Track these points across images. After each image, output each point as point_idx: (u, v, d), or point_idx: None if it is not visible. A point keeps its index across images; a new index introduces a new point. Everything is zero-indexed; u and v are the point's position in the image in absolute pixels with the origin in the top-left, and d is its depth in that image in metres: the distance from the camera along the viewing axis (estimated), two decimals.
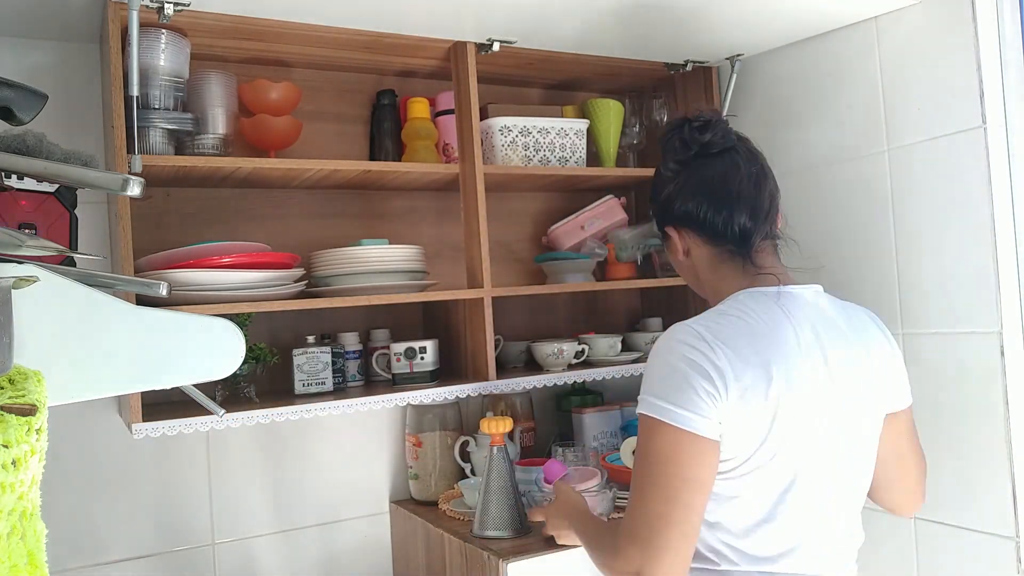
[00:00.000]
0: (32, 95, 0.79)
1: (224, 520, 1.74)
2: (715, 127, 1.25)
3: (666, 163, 1.28)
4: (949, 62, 1.52)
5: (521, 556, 1.44)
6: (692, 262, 1.27)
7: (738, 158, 1.24)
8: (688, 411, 1.05)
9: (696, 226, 1.24)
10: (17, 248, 0.69)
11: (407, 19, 1.58)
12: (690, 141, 1.25)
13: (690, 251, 1.26)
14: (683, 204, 1.24)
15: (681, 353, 1.09)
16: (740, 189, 1.21)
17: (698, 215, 1.23)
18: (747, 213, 1.21)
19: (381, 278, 1.64)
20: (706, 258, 1.25)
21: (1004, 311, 1.45)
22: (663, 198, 1.28)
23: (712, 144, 1.24)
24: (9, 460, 0.57)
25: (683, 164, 1.26)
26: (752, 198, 1.22)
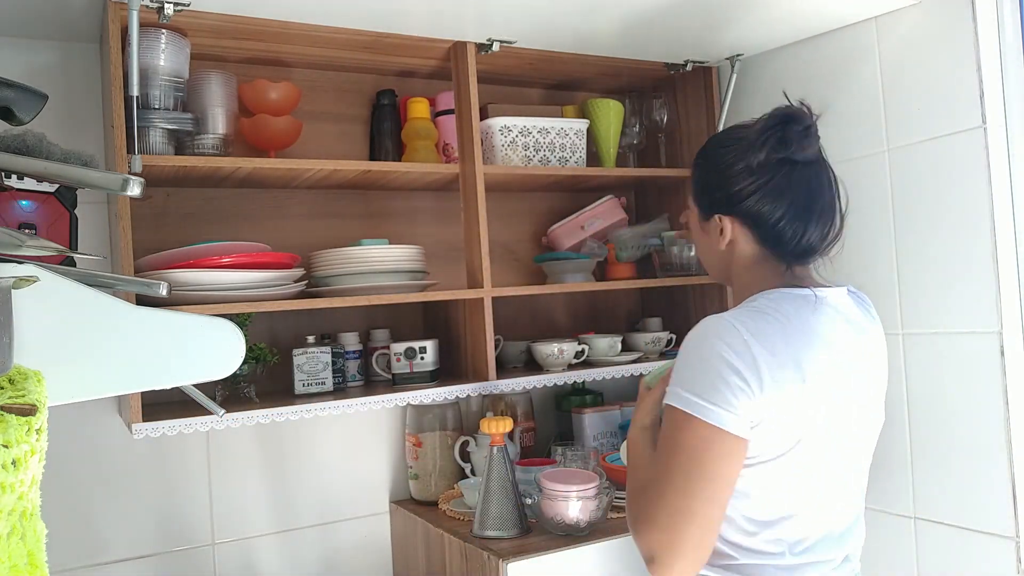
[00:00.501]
0: (32, 95, 0.79)
1: (224, 520, 1.74)
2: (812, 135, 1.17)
3: (755, 154, 1.17)
4: (949, 62, 1.52)
5: (521, 556, 1.44)
6: (729, 254, 1.22)
7: (825, 174, 1.19)
8: (720, 407, 1.04)
9: (761, 229, 1.18)
10: (17, 248, 0.69)
11: (407, 19, 1.58)
12: (790, 142, 1.16)
13: (734, 244, 1.21)
14: (759, 203, 1.17)
15: (716, 348, 1.07)
16: (822, 207, 1.18)
17: (770, 219, 1.17)
18: (819, 232, 1.17)
19: (381, 278, 1.64)
20: (748, 256, 1.21)
21: (1004, 311, 1.45)
22: (736, 188, 1.18)
23: (805, 154, 1.17)
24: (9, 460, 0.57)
25: (775, 163, 1.17)
26: (829, 218, 1.18)
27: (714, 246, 1.23)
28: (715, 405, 1.04)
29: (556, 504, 1.52)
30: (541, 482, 1.55)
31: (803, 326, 1.11)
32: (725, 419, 1.04)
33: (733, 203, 1.19)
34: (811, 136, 1.17)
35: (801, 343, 1.09)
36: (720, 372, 1.05)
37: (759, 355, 1.06)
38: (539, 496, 1.54)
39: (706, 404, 1.05)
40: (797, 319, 1.12)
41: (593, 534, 1.53)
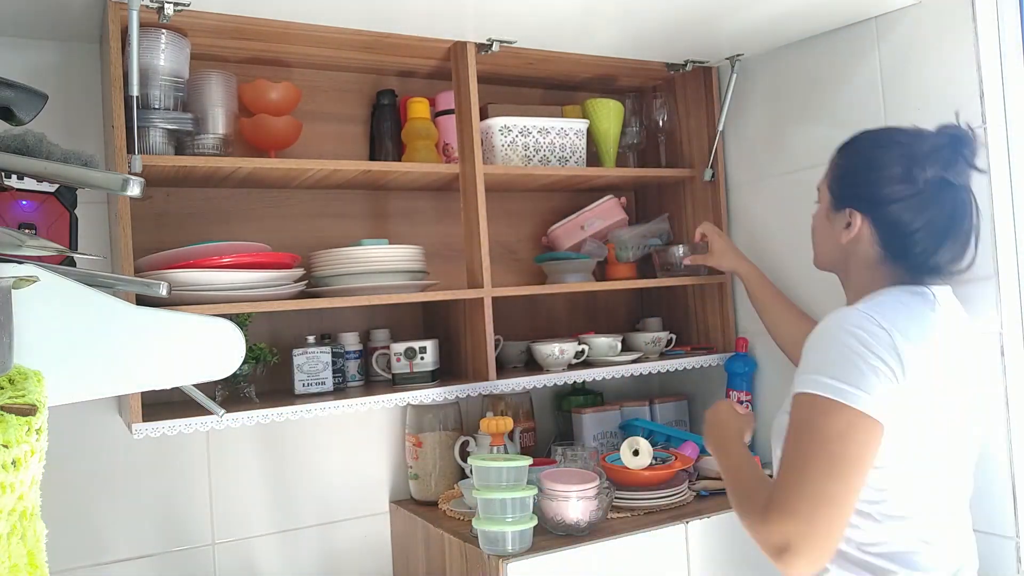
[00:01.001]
0: (32, 95, 0.79)
1: (224, 520, 1.74)
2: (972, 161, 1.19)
3: (919, 166, 1.18)
4: (949, 62, 1.52)
5: (521, 556, 1.44)
6: (847, 249, 1.25)
7: (972, 199, 1.21)
8: (864, 391, 1.06)
9: (895, 236, 1.20)
10: (17, 248, 0.69)
11: (407, 19, 1.58)
12: (958, 165, 1.18)
13: (858, 240, 1.23)
14: (902, 212, 1.18)
15: (857, 336, 1.09)
16: (961, 231, 1.20)
17: (910, 229, 1.18)
18: (951, 254, 1.20)
19: (381, 278, 1.64)
20: (871, 256, 1.23)
21: (1004, 311, 1.45)
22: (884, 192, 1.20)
23: (958, 177, 1.19)
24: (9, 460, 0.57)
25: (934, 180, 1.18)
26: (964, 243, 1.20)
27: (835, 236, 1.26)
28: (859, 389, 1.06)
29: (556, 504, 1.52)
30: (541, 482, 1.55)
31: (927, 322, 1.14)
32: (868, 403, 1.06)
33: (874, 204, 1.21)
34: (974, 158, 1.20)
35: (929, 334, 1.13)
36: (864, 358, 1.07)
37: (898, 340, 1.09)
38: (539, 496, 1.54)
39: (850, 388, 1.06)
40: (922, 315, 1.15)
41: (593, 534, 1.53)
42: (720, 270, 1.91)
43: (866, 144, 1.27)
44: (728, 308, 2.03)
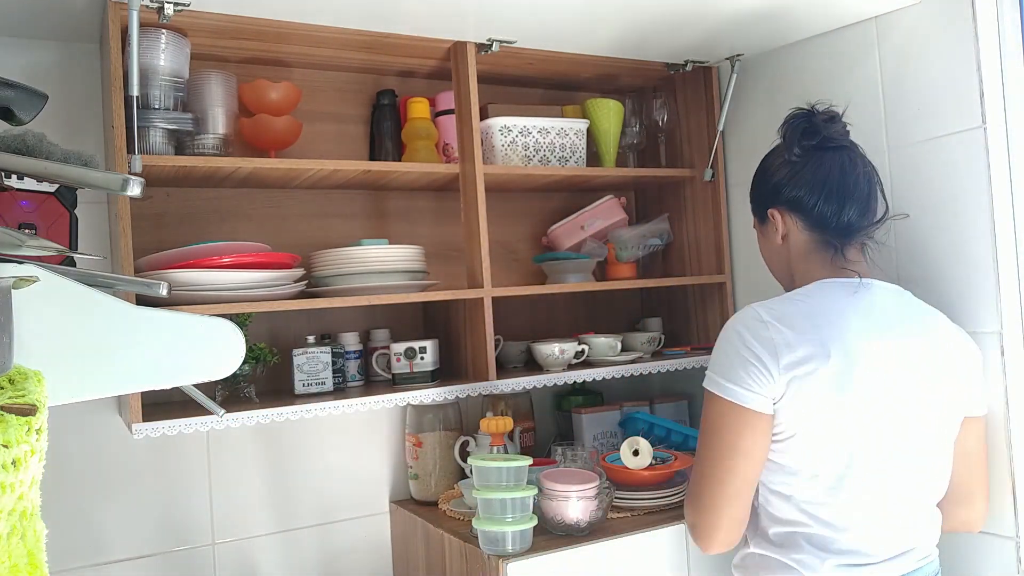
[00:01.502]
0: (32, 95, 0.79)
1: (224, 520, 1.74)
2: (839, 121, 1.33)
3: (790, 148, 1.33)
4: (949, 62, 1.52)
5: (521, 556, 1.44)
6: (787, 249, 1.34)
7: (855, 156, 1.32)
8: (737, 386, 1.17)
9: (803, 212, 1.30)
10: (17, 248, 0.69)
11: (407, 19, 1.58)
12: (816, 130, 1.30)
13: (788, 236, 1.33)
14: (797, 189, 1.30)
15: (738, 332, 1.20)
16: (855, 184, 1.29)
17: (809, 202, 1.29)
18: (856, 208, 1.29)
19: (381, 278, 1.64)
20: (802, 244, 1.32)
21: (1004, 311, 1.45)
22: (775, 181, 1.34)
23: (834, 138, 1.31)
24: (9, 460, 0.57)
25: (805, 151, 1.31)
26: (864, 196, 1.30)
27: (774, 246, 1.37)
28: (733, 384, 1.17)
29: (556, 504, 1.52)
30: (541, 482, 1.55)
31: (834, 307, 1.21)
32: (741, 395, 1.16)
33: (778, 196, 1.34)
34: (837, 121, 1.33)
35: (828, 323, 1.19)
36: (738, 353, 1.18)
37: (776, 335, 1.17)
38: (539, 496, 1.54)
39: (726, 383, 1.19)
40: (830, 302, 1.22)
41: (593, 534, 1.53)
42: None
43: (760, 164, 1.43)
44: (728, 308, 2.03)
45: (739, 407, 1.17)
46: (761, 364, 1.17)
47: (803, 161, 1.31)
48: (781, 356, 1.16)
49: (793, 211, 1.32)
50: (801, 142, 1.31)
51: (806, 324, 1.19)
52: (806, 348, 1.16)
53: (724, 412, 1.19)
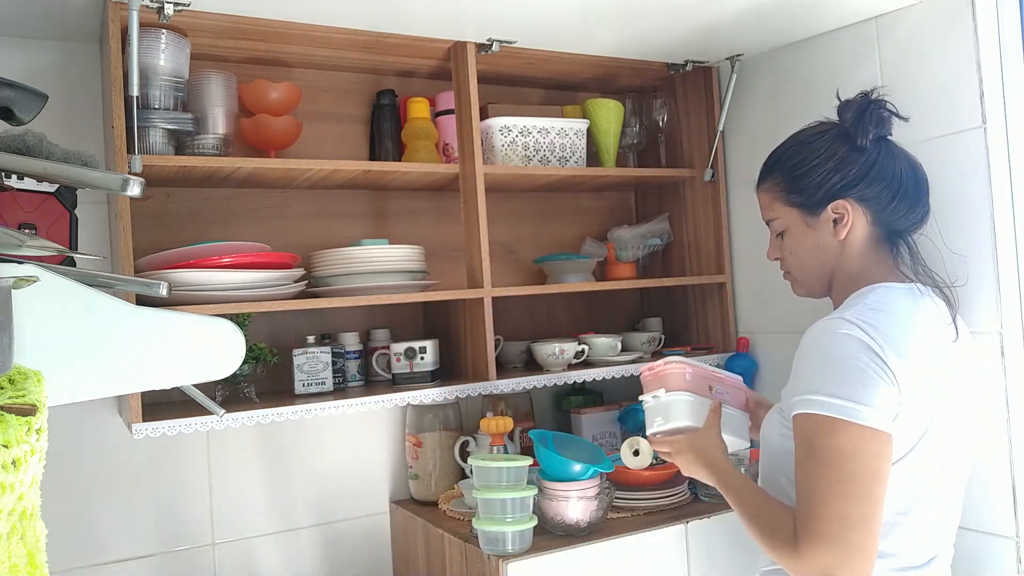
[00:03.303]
0: (32, 95, 0.79)
1: (224, 520, 1.74)
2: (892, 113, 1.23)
3: (864, 135, 1.20)
4: (949, 62, 1.52)
5: (521, 556, 1.44)
6: (843, 244, 1.22)
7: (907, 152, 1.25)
8: (868, 406, 1.04)
9: (877, 207, 1.20)
10: (17, 248, 0.69)
11: (407, 19, 1.58)
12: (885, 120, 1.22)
13: (855, 228, 1.21)
14: (875, 182, 1.19)
15: (847, 348, 1.07)
16: (923, 182, 1.23)
17: (885, 196, 1.20)
18: (923, 207, 1.23)
19: (381, 278, 1.64)
20: (863, 242, 1.22)
21: (1004, 311, 1.45)
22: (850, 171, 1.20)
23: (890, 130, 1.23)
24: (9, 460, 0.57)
25: (875, 142, 1.21)
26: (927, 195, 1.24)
27: (825, 243, 1.23)
28: (863, 404, 1.04)
29: (556, 504, 1.52)
30: (541, 482, 1.55)
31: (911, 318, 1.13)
32: (873, 417, 1.04)
33: (847, 187, 1.20)
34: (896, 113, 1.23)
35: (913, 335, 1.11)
36: (861, 371, 1.05)
37: (885, 347, 1.07)
38: (539, 496, 1.54)
39: (853, 405, 1.04)
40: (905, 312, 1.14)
41: (593, 534, 1.53)
42: None
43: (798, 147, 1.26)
44: (728, 308, 2.03)
45: (871, 431, 1.03)
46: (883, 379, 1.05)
47: (876, 150, 1.20)
48: (896, 372, 1.06)
49: (864, 204, 1.20)
50: (876, 129, 1.19)
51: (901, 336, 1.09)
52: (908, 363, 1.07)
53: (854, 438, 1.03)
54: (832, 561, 1.01)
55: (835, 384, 1.06)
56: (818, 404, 1.06)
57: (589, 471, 1.53)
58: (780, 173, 1.27)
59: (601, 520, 1.55)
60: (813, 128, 1.28)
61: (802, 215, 1.25)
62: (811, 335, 1.13)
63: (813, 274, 1.27)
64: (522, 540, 1.46)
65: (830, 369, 1.07)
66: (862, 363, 1.06)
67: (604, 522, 1.57)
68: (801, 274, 1.29)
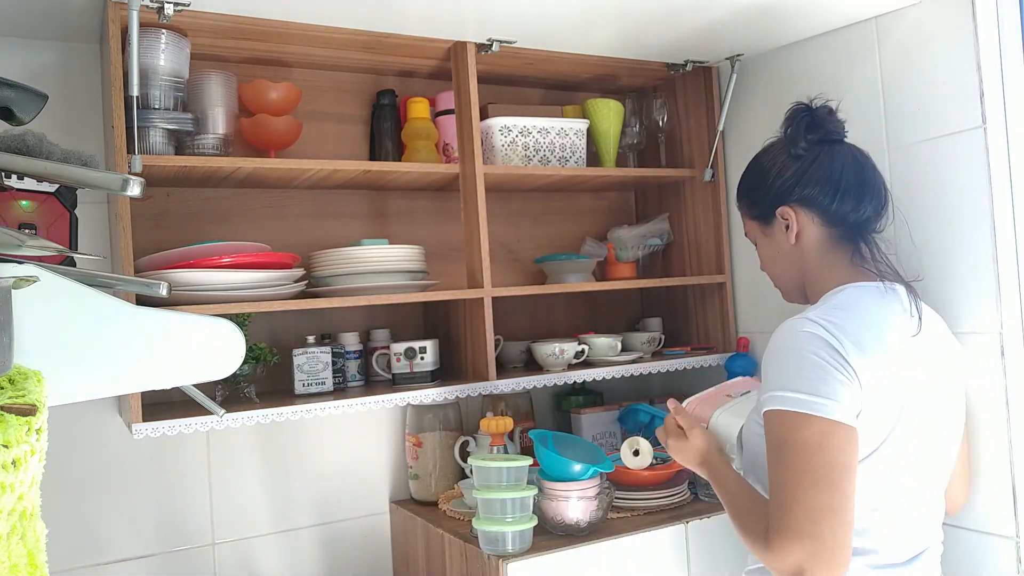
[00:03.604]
0: (32, 95, 0.79)
1: (224, 520, 1.74)
2: (836, 115, 1.28)
3: (795, 143, 1.27)
4: (949, 62, 1.52)
5: (521, 556, 1.44)
6: (799, 250, 1.27)
7: (856, 151, 1.28)
8: (832, 400, 1.07)
9: (820, 208, 1.24)
10: (17, 248, 0.69)
11: (407, 19, 1.58)
12: (820, 123, 1.26)
13: (802, 235, 1.26)
14: (811, 184, 1.24)
15: (809, 346, 1.10)
16: (871, 177, 1.26)
17: (826, 196, 1.24)
18: (872, 202, 1.25)
19: (381, 278, 1.64)
20: (817, 242, 1.26)
21: (1004, 311, 1.45)
22: (786, 178, 1.27)
23: (835, 131, 1.27)
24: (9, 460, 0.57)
25: (812, 145, 1.26)
26: (877, 189, 1.26)
27: (783, 248, 1.29)
28: (826, 398, 1.07)
29: (556, 504, 1.52)
30: (541, 482, 1.55)
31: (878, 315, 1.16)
32: (836, 410, 1.06)
33: (787, 192, 1.26)
34: (835, 116, 1.28)
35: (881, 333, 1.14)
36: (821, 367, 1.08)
37: (848, 350, 1.10)
38: (539, 496, 1.54)
39: (817, 399, 1.07)
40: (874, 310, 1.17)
41: (593, 534, 1.53)
42: None
43: (751, 165, 1.35)
44: (728, 308, 2.03)
45: (835, 423, 1.06)
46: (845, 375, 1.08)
47: (811, 155, 1.26)
48: (858, 371, 1.09)
49: (807, 207, 1.25)
50: (807, 136, 1.26)
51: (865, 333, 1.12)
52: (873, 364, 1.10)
53: (818, 431, 1.05)
54: (802, 555, 1.02)
55: (798, 380, 1.09)
56: (783, 400, 1.09)
57: (589, 471, 1.53)
58: (741, 192, 1.36)
59: (601, 520, 1.55)
60: (766, 146, 1.35)
61: (760, 227, 1.33)
62: (776, 334, 1.17)
63: (785, 281, 1.34)
64: (522, 540, 1.46)
65: (793, 366, 1.11)
66: (823, 360, 1.09)
67: (604, 522, 1.57)
68: (778, 281, 1.36)
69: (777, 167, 1.28)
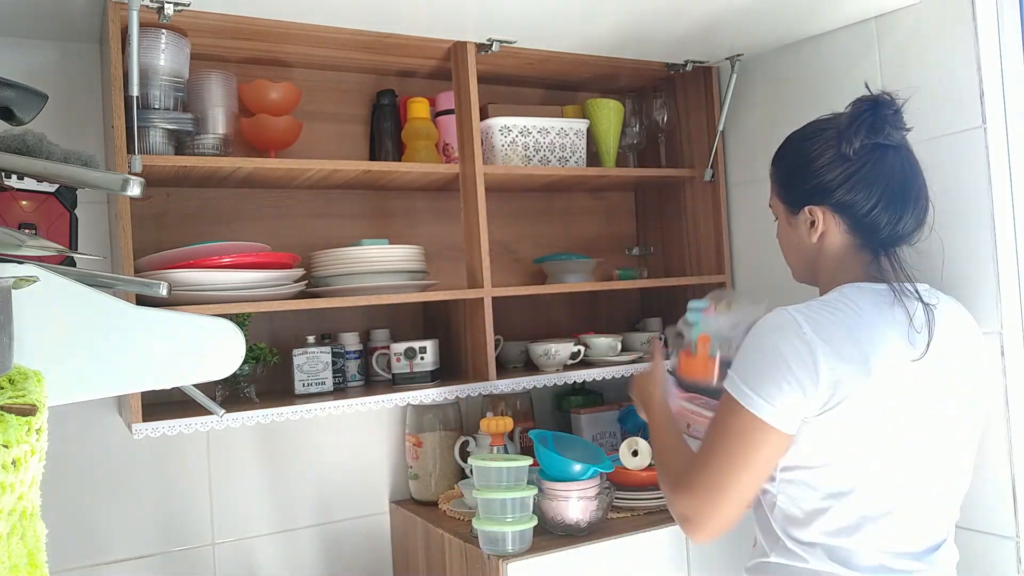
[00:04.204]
0: (32, 95, 0.79)
1: (224, 520, 1.74)
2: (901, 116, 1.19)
3: (849, 142, 1.17)
4: (949, 62, 1.52)
5: (521, 556, 1.44)
6: (818, 247, 1.23)
7: (913, 157, 1.21)
8: (766, 401, 1.10)
9: (854, 217, 1.19)
10: (17, 248, 0.69)
11: (407, 19, 1.58)
12: (883, 126, 1.17)
13: (824, 236, 1.22)
14: (854, 192, 1.18)
15: (775, 342, 1.13)
16: (917, 192, 1.19)
17: (865, 207, 1.17)
18: (914, 218, 1.19)
19: (381, 278, 1.64)
20: (838, 247, 1.22)
21: (1004, 311, 1.45)
22: (827, 178, 1.19)
23: (896, 136, 1.18)
24: (9, 460, 0.57)
25: (868, 149, 1.17)
26: (923, 205, 1.20)
27: (803, 241, 1.25)
28: (761, 398, 1.11)
29: (556, 504, 1.52)
30: (541, 482, 1.55)
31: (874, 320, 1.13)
32: (768, 412, 1.10)
33: (825, 193, 1.20)
34: (900, 119, 1.18)
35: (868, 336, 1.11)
36: (774, 366, 1.11)
37: (818, 349, 1.09)
38: (539, 496, 1.54)
39: (753, 396, 1.11)
40: (870, 314, 1.13)
41: (593, 534, 1.53)
42: None
43: (795, 142, 1.27)
44: None
45: (761, 422, 1.10)
46: (797, 384, 1.08)
47: (861, 159, 1.17)
48: (821, 376, 1.08)
49: (840, 213, 1.19)
50: (864, 138, 1.17)
51: (847, 339, 1.10)
52: (847, 367, 1.08)
53: (744, 423, 1.11)
54: (692, 509, 1.16)
55: (750, 372, 1.13)
56: (733, 384, 1.15)
57: (589, 471, 1.53)
58: (777, 166, 1.30)
59: (601, 520, 1.55)
60: (817, 123, 1.27)
61: (786, 211, 1.28)
62: (760, 321, 1.18)
63: (796, 265, 1.32)
64: (522, 540, 1.46)
65: (753, 357, 1.15)
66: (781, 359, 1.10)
67: (604, 522, 1.57)
68: (789, 261, 1.34)
69: (823, 161, 1.20)
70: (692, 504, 1.16)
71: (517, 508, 1.46)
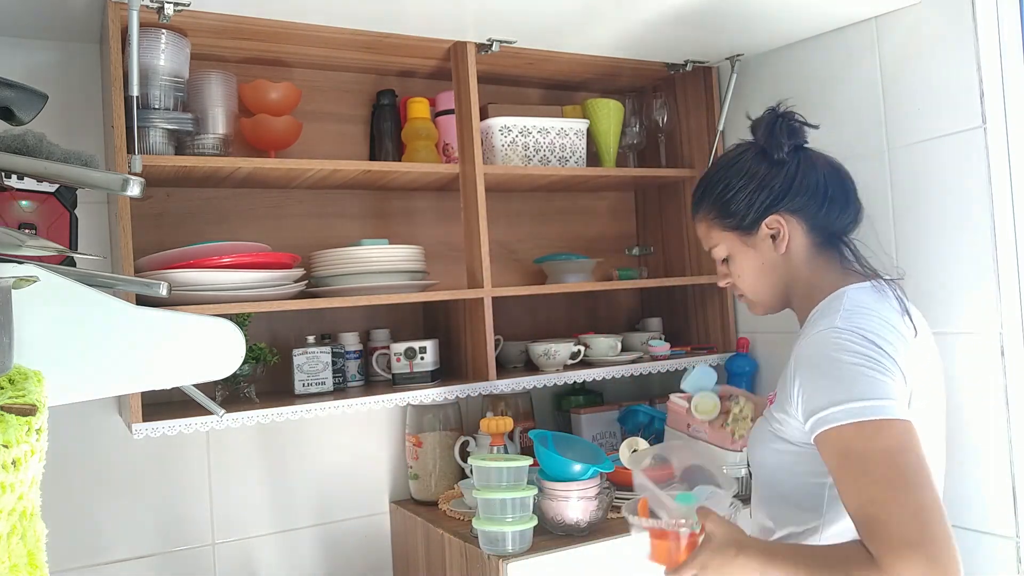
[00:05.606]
0: (32, 95, 0.79)
1: (224, 520, 1.74)
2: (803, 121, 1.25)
3: (778, 149, 1.21)
4: (949, 62, 1.52)
5: (521, 556, 1.44)
6: (787, 258, 1.23)
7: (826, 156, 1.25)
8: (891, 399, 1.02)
9: (808, 216, 1.21)
10: (17, 248, 0.69)
11: (407, 19, 1.58)
12: (796, 130, 1.22)
13: (791, 243, 1.22)
14: (801, 192, 1.20)
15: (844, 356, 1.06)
16: (847, 184, 1.23)
17: (816, 200, 1.20)
18: (853, 207, 1.23)
19: (381, 278, 1.64)
20: (805, 250, 1.22)
21: (1004, 311, 1.45)
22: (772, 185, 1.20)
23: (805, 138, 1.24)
24: (9, 460, 0.57)
25: (793, 152, 1.22)
26: (852, 185, 1.24)
27: (768, 259, 1.23)
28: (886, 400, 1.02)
29: (556, 504, 1.52)
30: (541, 482, 1.55)
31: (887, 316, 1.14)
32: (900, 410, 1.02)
33: (777, 200, 1.21)
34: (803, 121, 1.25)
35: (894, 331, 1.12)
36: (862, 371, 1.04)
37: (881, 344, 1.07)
38: (539, 496, 1.54)
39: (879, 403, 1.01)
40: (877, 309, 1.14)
41: (593, 534, 1.53)
42: None
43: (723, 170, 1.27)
44: (728, 308, 2.03)
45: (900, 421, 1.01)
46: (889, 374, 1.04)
47: (795, 160, 1.21)
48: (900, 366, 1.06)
49: (797, 214, 1.20)
50: (789, 141, 1.21)
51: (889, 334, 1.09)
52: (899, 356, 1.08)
53: (902, 430, 1.00)
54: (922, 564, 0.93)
55: (853, 390, 1.03)
56: (844, 414, 1.02)
57: (589, 471, 1.52)
58: (709, 201, 1.27)
59: (601, 520, 1.55)
60: (732, 151, 1.29)
61: (739, 237, 1.25)
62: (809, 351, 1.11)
63: (768, 292, 1.26)
64: (522, 540, 1.46)
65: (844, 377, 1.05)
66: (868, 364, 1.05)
67: (604, 522, 1.57)
68: (756, 295, 1.27)
69: (762, 172, 1.21)
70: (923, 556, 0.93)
71: (517, 508, 1.46)
